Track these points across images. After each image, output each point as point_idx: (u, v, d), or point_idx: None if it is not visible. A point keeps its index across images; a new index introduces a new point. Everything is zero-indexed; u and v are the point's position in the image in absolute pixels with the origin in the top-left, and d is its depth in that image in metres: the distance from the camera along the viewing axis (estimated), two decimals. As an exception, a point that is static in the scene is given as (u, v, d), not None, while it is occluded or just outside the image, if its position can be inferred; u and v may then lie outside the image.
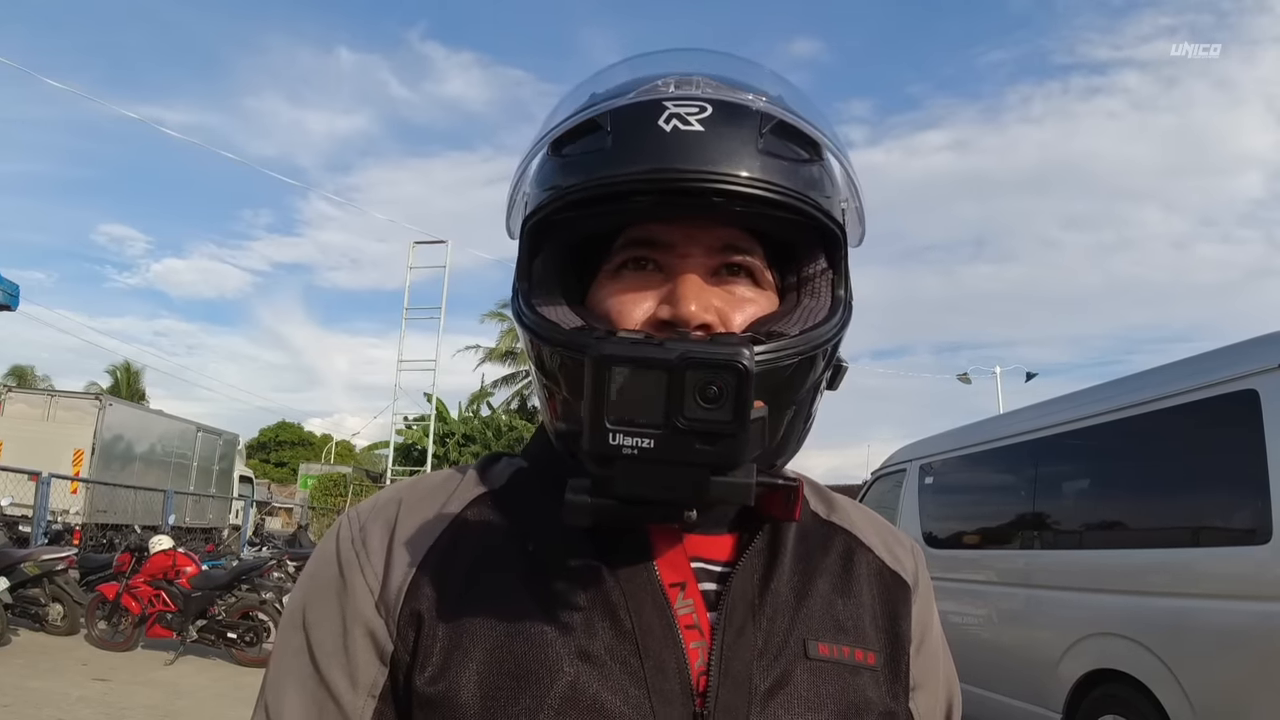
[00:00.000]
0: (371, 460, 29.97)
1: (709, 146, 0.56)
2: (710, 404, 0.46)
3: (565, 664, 0.54)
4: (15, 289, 7.22)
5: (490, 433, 23.84)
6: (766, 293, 0.62)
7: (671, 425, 0.46)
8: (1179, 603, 3.52)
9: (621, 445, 0.46)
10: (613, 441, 0.46)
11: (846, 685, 0.59)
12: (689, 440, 0.46)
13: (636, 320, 0.58)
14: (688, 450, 0.46)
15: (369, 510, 0.64)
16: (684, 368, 0.46)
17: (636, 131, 0.57)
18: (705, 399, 0.46)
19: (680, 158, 0.56)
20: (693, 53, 0.66)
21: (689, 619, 0.58)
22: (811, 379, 0.60)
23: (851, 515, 0.72)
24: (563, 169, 0.60)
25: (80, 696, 5.48)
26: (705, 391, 0.46)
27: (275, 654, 0.62)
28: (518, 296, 0.62)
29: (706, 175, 0.55)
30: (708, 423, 0.46)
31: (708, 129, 0.56)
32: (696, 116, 0.57)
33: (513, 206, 0.66)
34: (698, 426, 0.46)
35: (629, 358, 0.47)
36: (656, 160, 0.56)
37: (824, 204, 0.60)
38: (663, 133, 0.56)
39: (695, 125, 0.56)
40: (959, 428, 5.97)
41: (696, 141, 0.56)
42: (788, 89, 0.64)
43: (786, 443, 0.61)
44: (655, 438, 0.46)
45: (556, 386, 0.60)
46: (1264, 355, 3.38)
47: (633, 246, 0.60)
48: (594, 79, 0.65)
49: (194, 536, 14.01)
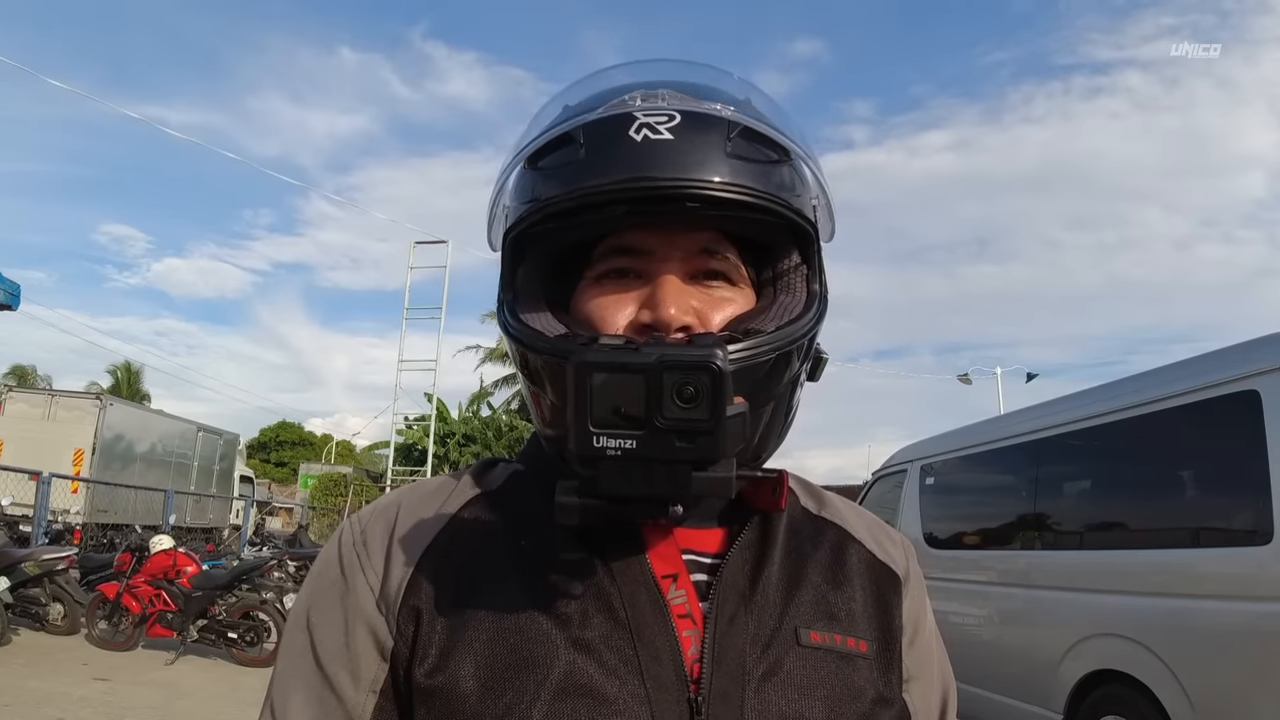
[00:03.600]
0: (372, 460, 29.99)
1: (680, 154, 0.57)
2: (688, 403, 0.48)
3: (561, 653, 0.56)
4: (16, 289, 7.23)
5: (490, 433, 23.87)
6: (744, 291, 0.64)
7: (651, 425, 0.48)
8: (1180, 603, 3.51)
9: (606, 447, 0.48)
10: (597, 444, 0.48)
11: (839, 671, 0.60)
12: (669, 439, 0.48)
13: (619, 325, 0.60)
14: (668, 448, 0.48)
15: (370, 514, 0.66)
16: (660, 370, 0.48)
17: (609, 143, 0.58)
18: (682, 399, 0.48)
19: (653, 166, 0.57)
20: (658, 64, 0.68)
21: (682, 608, 0.59)
22: (789, 373, 0.61)
23: (842, 511, 0.73)
24: (540, 182, 0.61)
25: (81, 696, 5.49)
26: (682, 392, 0.48)
27: (281, 655, 0.64)
28: (503, 307, 0.64)
29: (679, 182, 0.57)
30: (686, 421, 0.48)
31: (677, 137, 0.58)
32: (666, 125, 0.58)
33: (493, 220, 0.68)
34: (677, 425, 0.48)
35: (608, 363, 0.49)
36: (630, 169, 0.57)
37: (794, 203, 0.61)
38: (634, 142, 0.58)
39: (665, 134, 0.58)
40: (960, 428, 5.96)
41: (667, 149, 0.57)
42: (754, 93, 0.66)
43: (769, 436, 0.62)
44: (637, 438, 0.48)
45: (543, 392, 0.61)
46: (1265, 356, 3.38)
47: (612, 254, 0.62)
48: (565, 92, 0.67)
49: (194, 536, 14.02)
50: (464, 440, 23.58)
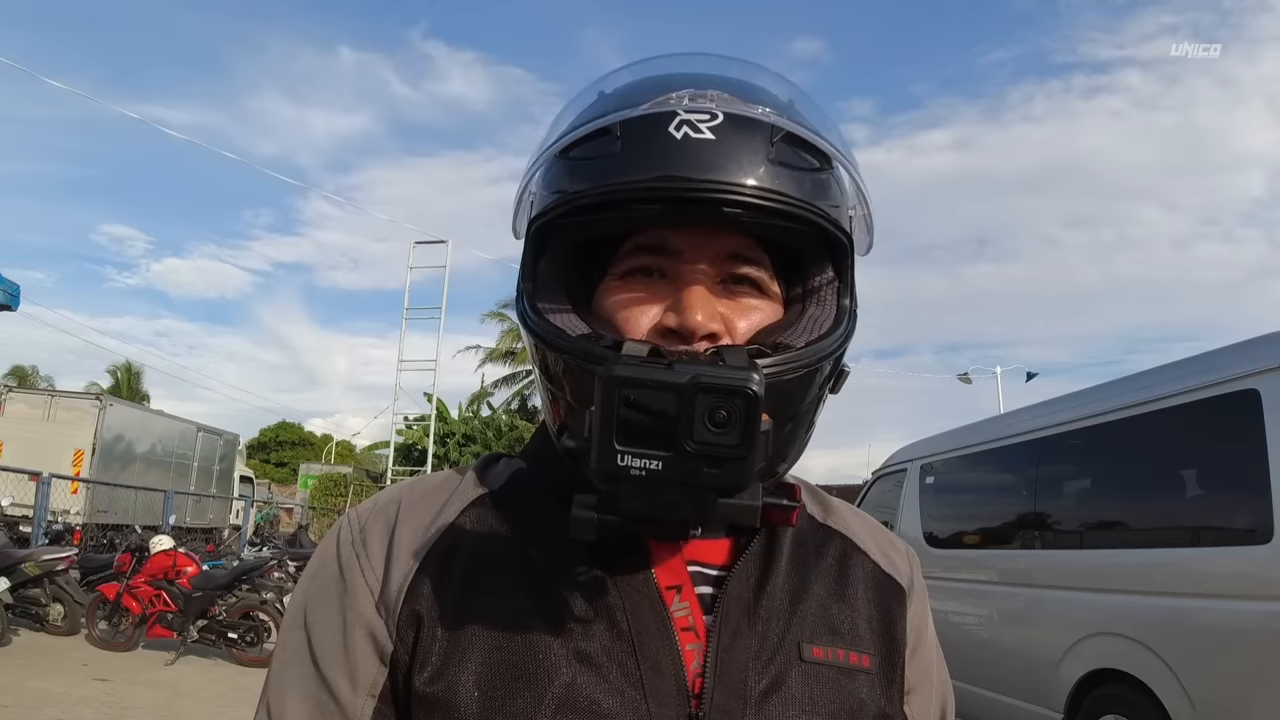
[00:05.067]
0: (372, 460, 30.00)
1: (720, 155, 0.55)
2: (719, 428, 0.46)
3: (563, 665, 0.55)
4: (16, 289, 7.23)
5: (490, 433, 23.86)
6: (772, 301, 0.62)
7: (680, 448, 0.46)
8: (1180, 602, 3.51)
9: (630, 466, 0.46)
10: (621, 463, 0.46)
11: (841, 688, 0.59)
12: (697, 463, 0.46)
13: (643, 328, 0.58)
14: (695, 473, 0.46)
15: (369, 511, 0.64)
16: (694, 391, 0.46)
17: (647, 138, 0.56)
18: (714, 423, 0.46)
19: (690, 165, 0.55)
20: (704, 58, 0.66)
21: (685, 621, 0.58)
22: (815, 390, 0.59)
23: (848, 520, 0.72)
24: (570, 173, 0.59)
25: (81, 697, 5.48)
26: (714, 416, 0.46)
27: (277, 654, 0.63)
28: (522, 298, 0.61)
29: (716, 185, 0.55)
30: (716, 446, 0.46)
31: (719, 137, 0.56)
32: (708, 124, 0.56)
33: (520, 206, 0.66)
34: (706, 450, 0.46)
35: (640, 379, 0.46)
36: (666, 167, 0.55)
37: (832, 213, 0.59)
38: (673, 139, 0.56)
39: (706, 133, 0.56)
40: (959, 428, 5.96)
41: (708, 150, 0.55)
42: (798, 95, 0.64)
43: (789, 451, 0.60)
44: (664, 460, 0.46)
45: (560, 391, 0.59)
46: (1265, 355, 3.38)
47: (639, 252, 0.60)
48: (604, 79, 0.65)
49: (194, 536, 14.01)
50: (464, 440, 23.57)
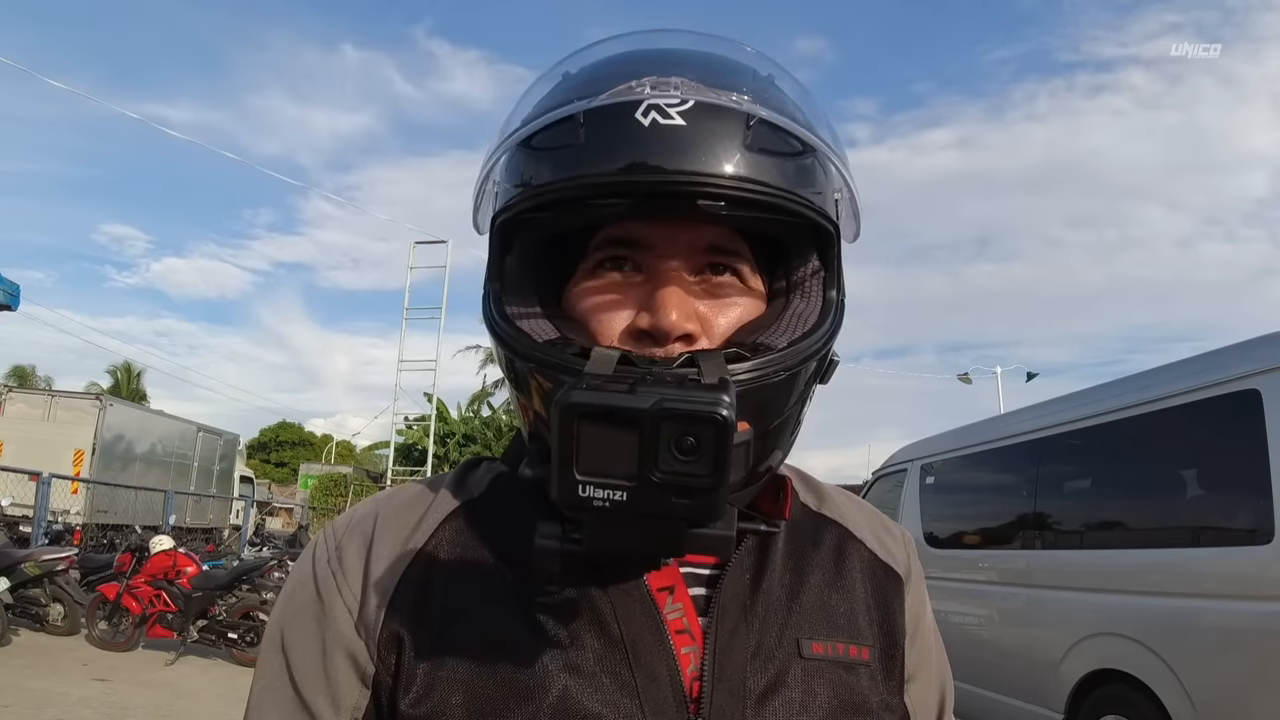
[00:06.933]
0: (372, 460, 29.98)
1: (692, 143, 0.51)
2: (687, 455, 0.42)
3: (555, 678, 0.53)
4: (16, 289, 7.22)
5: (491, 433, 23.83)
6: (753, 294, 0.59)
7: (645, 478, 0.42)
8: (1180, 603, 3.51)
9: (592, 497, 0.43)
10: (582, 494, 0.43)
11: (842, 684, 0.58)
12: (664, 493, 0.42)
13: (614, 331, 0.55)
14: (663, 504, 0.43)
15: (344, 527, 0.62)
16: (659, 419, 0.42)
17: (612, 126, 0.53)
18: (681, 450, 0.42)
19: (660, 154, 0.51)
20: (669, 34, 0.62)
21: (679, 624, 0.56)
22: (799, 391, 0.57)
23: (842, 506, 0.70)
24: (534, 163, 0.56)
25: (81, 697, 5.48)
26: (681, 443, 0.42)
27: (256, 677, 0.60)
28: (488, 299, 0.58)
29: (689, 176, 0.51)
30: (684, 476, 0.42)
31: (690, 123, 0.52)
32: (678, 109, 0.52)
33: (481, 199, 0.62)
34: (673, 480, 0.42)
35: (599, 406, 0.42)
36: (634, 155, 0.52)
37: (816, 200, 0.56)
38: (640, 126, 0.52)
39: (676, 119, 0.52)
40: (960, 428, 5.95)
41: (678, 137, 0.51)
42: (777, 71, 0.61)
43: (772, 454, 0.58)
44: (628, 490, 0.42)
45: (528, 400, 0.57)
46: (1267, 355, 3.37)
47: (610, 246, 0.57)
48: (568, 59, 0.62)
49: (194, 537, 14.01)
50: (464, 440, 23.55)
